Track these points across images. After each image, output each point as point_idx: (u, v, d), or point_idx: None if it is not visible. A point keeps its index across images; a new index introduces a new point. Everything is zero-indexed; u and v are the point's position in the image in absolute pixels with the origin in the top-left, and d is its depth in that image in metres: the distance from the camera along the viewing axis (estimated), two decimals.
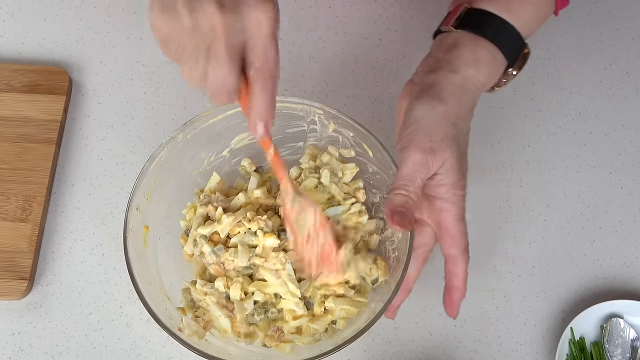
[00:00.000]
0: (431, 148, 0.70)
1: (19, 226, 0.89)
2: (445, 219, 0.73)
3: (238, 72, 0.62)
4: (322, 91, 0.96)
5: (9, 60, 0.98)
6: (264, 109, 0.65)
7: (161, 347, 0.85)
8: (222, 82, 0.62)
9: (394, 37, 1.00)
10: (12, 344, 0.85)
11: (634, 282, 0.87)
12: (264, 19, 0.60)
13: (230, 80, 0.62)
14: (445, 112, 0.71)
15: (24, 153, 0.92)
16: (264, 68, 0.63)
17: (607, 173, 0.92)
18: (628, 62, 0.97)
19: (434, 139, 0.71)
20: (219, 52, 0.61)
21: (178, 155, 0.85)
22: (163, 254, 0.84)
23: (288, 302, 0.79)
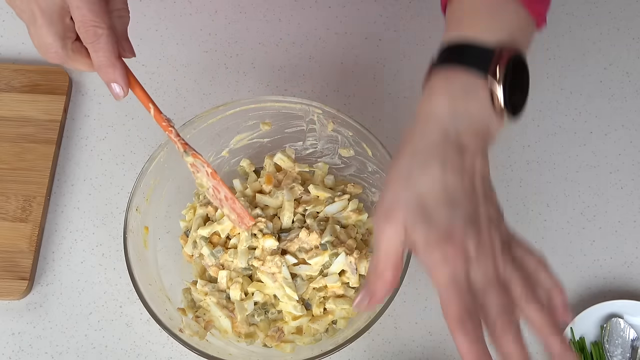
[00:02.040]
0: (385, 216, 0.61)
1: (19, 226, 0.89)
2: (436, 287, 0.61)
3: (59, 33, 0.66)
4: (321, 91, 0.96)
5: (9, 60, 0.98)
6: (104, 67, 0.66)
7: (161, 347, 0.85)
8: (43, 44, 0.67)
9: (394, 37, 1.00)
10: (12, 344, 0.85)
11: (634, 282, 0.87)
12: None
13: (50, 42, 0.66)
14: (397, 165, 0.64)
15: (24, 153, 0.92)
16: (81, 22, 0.65)
17: (607, 173, 0.92)
18: (628, 62, 0.97)
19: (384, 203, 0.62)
20: (37, 17, 0.66)
21: (177, 155, 0.84)
22: (163, 254, 0.84)
23: (286, 304, 0.79)
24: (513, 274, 0.60)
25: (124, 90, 0.68)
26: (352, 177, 0.88)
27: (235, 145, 0.88)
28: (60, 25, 0.66)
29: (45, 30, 0.66)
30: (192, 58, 0.99)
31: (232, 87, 0.97)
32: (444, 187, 0.61)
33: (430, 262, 0.60)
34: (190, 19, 1.01)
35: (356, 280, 0.80)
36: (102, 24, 0.65)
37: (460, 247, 0.59)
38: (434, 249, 0.59)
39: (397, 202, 0.61)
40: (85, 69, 0.69)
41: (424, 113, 0.65)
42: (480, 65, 0.63)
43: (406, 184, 0.61)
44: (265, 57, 0.98)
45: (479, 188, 0.62)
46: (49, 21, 0.65)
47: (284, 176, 0.86)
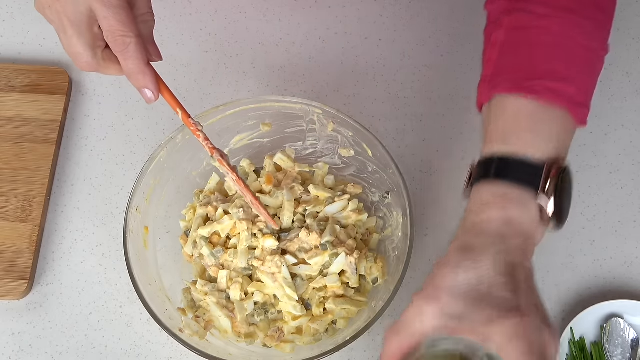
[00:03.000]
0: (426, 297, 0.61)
1: (19, 226, 0.89)
2: None
3: (88, 43, 0.67)
4: (322, 91, 0.96)
5: (9, 60, 0.98)
6: (134, 74, 0.67)
7: (161, 347, 0.85)
8: (74, 54, 0.67)
9: (394, 37, 0.99)
10: (12, 344, 0.85)
11: (634, 282, 0.87)
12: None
13: (80, 51, 0.67)
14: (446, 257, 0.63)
15: (24, 153, 0.92)
16: (109, 32, 0.65)
17: (607, 173, 0.92)
18: (628, 62, 0.97)
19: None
20: (65, 25, 0.66)
21: (177, 155, 0.85)
22: (163, 254, 0.84)
23: (286, 304, 0.79)
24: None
25: (154, 95, 0.69)
26: (352, 177, 0.88)
27: (235, 145, 0.88)
28: (90, 35, 0.67)
29: (75, 40, 0.66)
30: (192, 58, 0.99)
31: (232, 87, 0.97)
32: (492, 283, 0.60)
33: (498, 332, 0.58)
34: (190, 19, 1.01)
35: (356, 281, 0.80)
36: (130, 32, 0.65)
37: (528, 318, 0.59)
38: (504, 318, 0.58)
39: (442, 288, 0.60)
40: (116, 74, 0.70)
41: (477, 223, 0.64)
42: (531, 183, 0.64)
43: (454, 272, 0.61)
44: (265, 57, 0.98)
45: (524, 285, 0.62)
46: (78, 32, 0.66)
47: (284, 176, 0.86)
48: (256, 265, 0.80)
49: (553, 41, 0.69)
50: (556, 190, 0.64)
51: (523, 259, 0.62)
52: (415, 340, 0.60)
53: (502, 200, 0.64)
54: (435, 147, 0.93)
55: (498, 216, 0.63)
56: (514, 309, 0.58)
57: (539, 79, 0.67)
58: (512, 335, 0.57)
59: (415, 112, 0.95)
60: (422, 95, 0.96)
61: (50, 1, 0.66)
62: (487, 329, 0.58)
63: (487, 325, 0.58)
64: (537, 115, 0.67)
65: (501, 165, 0.65)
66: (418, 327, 0.60)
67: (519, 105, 0.67)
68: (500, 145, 0.66)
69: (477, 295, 0.59)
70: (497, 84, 0.69)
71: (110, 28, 0.65)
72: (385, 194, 0.85)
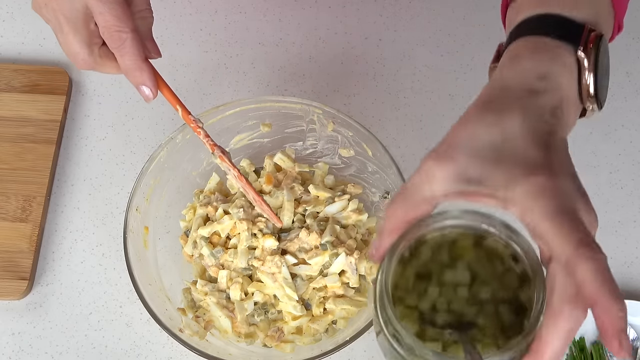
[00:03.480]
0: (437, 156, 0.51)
1: (19, 226, 0.89)
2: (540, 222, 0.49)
3: (85, 40, 0.66)
4: (322, 91, 0.96)
5: (9, 60, 0.98)
6: (131, 70, 0.67)
7: (161, 347, 0.85)
8: (71, 52, 0.67)
9: (394, 37, 0.99)
10: (12, 344, 0.85)
11: (634, 282, 0.87)
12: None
13: (77, 49, 0.66)
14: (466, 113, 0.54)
15: (24, 153, 0.92)
16: (105, 28, 0.65)
17: (607, 173, 0.92)
18: (628, 62, 0.97)
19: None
20: (61, 23, 0.66)
21: (177, 155, 0.85)
22: (163, 254, 0.84)
23: (286, 304, 0.79)
24: None
25: (152, 92, 0.68)
26: (352, 177, 0.88)
27: (235, 145, 0.88)
28: (86, 32, 0.66)
29: (72, 38, 0.66)
30: (192, 58, 0.99)
31: (232, 87, 0.97)
32: (519, 141, 0.50)
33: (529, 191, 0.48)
34: (190, 19, 1.01)
35: (356, 281, 0.80)
36: (126, 27, 0.65)
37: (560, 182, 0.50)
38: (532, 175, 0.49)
39: (458, 146, 0.51)
40: (114, 72, 0.69)
41: (505, 77, 0.54)
42: (571, 38, 0.55)
43: (473, 127, 0.51)
44: (265, 57, 0.98)
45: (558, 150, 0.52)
46: (74, 29, 0.66)
47: (284, 176, 0.86)
48: (256, 265, 0.80)
49: None
50: (596, 57, 0.54)
51: (558, 123, 0.51)
52: (423, 208, 0.51)
53: (538, 52, 0.54)
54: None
55: (532, 69, 0.53)
56: (543, 166, 0.48)
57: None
58: (538, 193, 0.47)
59: (415, 112, 0.95)
60: (422, 95, 0.96)
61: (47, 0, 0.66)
62: (509, 190, 0.48)
63: (509, 185, 0.48)
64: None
65: (539, 22, 0.56)
66: (427, 194, 0.50)
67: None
68: (538, 8, 0.56)
69: (499, 156, 0.49)
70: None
71: (106, 24, 0.65)
72: (385, 194, 0.85)
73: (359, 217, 0.84)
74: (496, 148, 0.50)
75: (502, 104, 0.52)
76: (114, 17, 0.64)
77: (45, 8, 0.67)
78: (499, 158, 0.49)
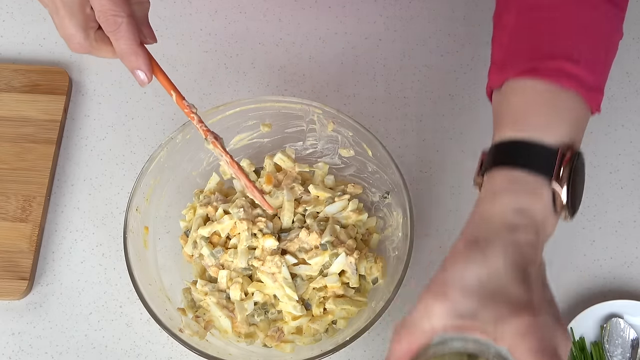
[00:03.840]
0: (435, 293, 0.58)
1: (19, 226, 0.89)
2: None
3: (80, 24, 0.66)
4: (321, 91, 0.96)
5: (9, 60, 0.98)
6: (126, 55, 0.66)
7: (161, 347, 0.85)
8: (66, 35, 0.67)
9: (394, 37, 0.99)
10: (12, 344, 0.85)
11: (634, 282, 0.87)
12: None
13: (72, 33, 0.66)
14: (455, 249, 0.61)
15: (24, 153, 0.92)
16: (100, 12, 0.65)
17: (607, 173, 0.92)
18: (628, 62, 0.97)
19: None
20: (58, 6, 0.66)
21: (177, 155, 0.85)
22: (163, 254, 0.84)
23: (286, 304, 0.79)
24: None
25: (147, 76, 0.68)
26: (352, 177, 0.88)
27: (235, 145, 0.88)
28: (82, 16, 0.66)
29: (67, 21, 0.66)
30: (192, 58, 0.99)
31: (232, 87, 0.97)
32: (503, 279, 0.58)
33: (510, 331, 0.56)
34: (190, 19, 1.01)
35: (356, 281, 0.80)
36: (122, 12, 0.65)
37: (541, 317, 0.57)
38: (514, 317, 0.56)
39: (452, 283, 0.58)
40: (110, 56, 0.69)
41: (486, 212, 0.61)
42: (545, 169, 0.61)
43: (463, 267, 0.58)
44: (265, 57, 0.98)
45: (536, 281, 0.59)
46: (70, 12, 0.66)
47: (284, 176, 0.86)
48: (256, 265, 0.80)
49: (566, 22, 0.67)
50: (570, 177, 0.61)
51: (534, 253, 0.60)
52: (424, 340, 0.58)
53: (514, 187, 0.61)
54: (435, 147, 0.93)
55: (509, 204, 0.60)
56: (525, 306, 0.56)
57: (552, 60, 0.65)
58: (524, 333, 0.55)
59: (415, 112, 0.95)
60: (422, 95, 0.96)
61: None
62: (498, 327, 0.56)
63: (498, 323, 0.56)
64: (551, 99, 0.64)
65: (513, 150, 0.63)
66: (427, 327, 0.57)
67: (531, 88, 0.64)
68: (512, 131, 0.63)
69: (487, 293, 0.57)
70: (508, 68, 0.67)
71: (102, 8, 0.64)
72: (385, 194, 0.85)
73: (359, 217, 0.84)
74: (484, 285, 0.57)
75: (485, 241, 0.59)
76: (110, 1, 0.64)
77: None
78: (487, 295, 0.57)
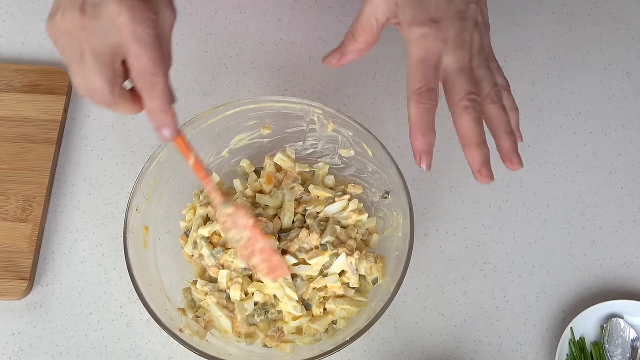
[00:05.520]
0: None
1: (19, 226, 0.89)
2: (408, 62, 0.68)
3: (108, 78, 0.62)
4: (321, 91, 0.96)
5: (9, 60, 0.98)
6: (156, 112, 0.64)
7: (161, 347, 0.85)
8: (91, 87, 0.63)
9: (394, 37, 0.99)
10: (12, 344, 0.85)
11: (634, 282, 0.87)
12: (120, 21, 0.60)
13: (98, 85, 0.62)
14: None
15: (24, 153, 0.92)
16: (139, 71, 0.62)
17: (607, 173, 0.92)
18: (628, 62, 0.97)
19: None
20: (86, 58, 0.62)
21: (177, 155, 0.84)
22: (163, 254, 0.84)
23: (286, 304, 0.79)
24: (485, 76, 0.67)
25: (172, 136, 0.66)
26: (352, 177, 0.89)
27: (235, 145, 0.88)
28: (110, 70, 0.63)
29: (94, 73, 0.62)
30: (192, 58, 0.99)
31: (232, 87, 0.97)
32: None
33: (410, 37, 0.67)
34: (190, 19, 1.01)
35: (356, 281, 0.80)
36: (160, 72, 0.63)
37: (442, 31, 0.66)
38: (417, 26, 0.66)
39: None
40: (126, 113, 0.67)
41: None
42: None
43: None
44: (265, 57, 0.98)
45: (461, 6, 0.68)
46: (99, 65, 0.62)
47: (284, 176, 0.86)
48: None
49: None
50: None
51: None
52: (376, 30, 0.71)
53: None
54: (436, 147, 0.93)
55: None
56: (433, 20, 0.66)
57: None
58: (417, 41, 0.66)
59: None
60: None
61: (73, 28, 0.62)
62: (409, 30, 0.67)
63: (410, 26, 0.67)
64: None
65: None
66: (373, 21, 0.71)
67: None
68: None
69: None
70: None
71: (142, 67, 0.62)
72: (385, 194, 0.85)
73: (359, 217, 0.84)
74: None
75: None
76: (151, 60, 0.62)
77: (67, 36, 0.62)
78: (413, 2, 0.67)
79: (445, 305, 0.86)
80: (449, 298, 0.87)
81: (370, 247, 0.85)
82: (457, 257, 0.88)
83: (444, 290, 0.87)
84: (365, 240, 0.85)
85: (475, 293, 0.87)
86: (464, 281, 0.87)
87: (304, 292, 0.80)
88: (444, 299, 0.87)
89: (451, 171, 0.92)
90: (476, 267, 0.88)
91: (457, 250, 0.89)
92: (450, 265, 0.88)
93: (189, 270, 0.85)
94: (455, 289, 0.87)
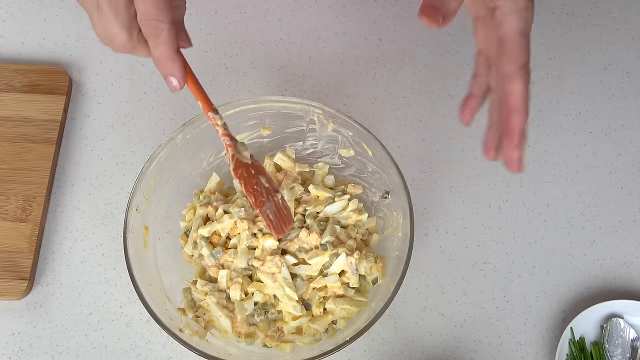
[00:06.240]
0: None
1: (19, 226, 0.89)
2: (505, 33, 0.64)
3: (125, 23, 0.65)
4: (322, 91, 0.96)
5: (9, 60, 0.98)
6: (163, 60, 0.65)
7: (161, 347, 0.85)
8: (108, 34, 0.65)
9: (394, 37, 0.99)
10: (12, 344, 0.85)
11: (634, 282, 0.87)
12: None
13: (117, 33, 0.65)
14: None
15: (24, 153, 0.92)
16: (143, 15, 0.63)
17: (607, 173, 0.92)
18: (628, 62, 0.97)
19: None
20: (103, 6, 0.64)
21: (177, 155, 0.85)
22: (163, 254, 0.84)
23: (286, 304, 0.79)
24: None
25: (180, 84, 0.67)
26: (352, 177, 0.89)
27: None
28: (127, 16, 0.65)
29: (112, 21, 0.65)
30: (192, 58, 0.98)
31: (232, 87, 0.97)
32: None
33: (506, 5, 0.64)
34: (190, 19, 1.00)
35: (356, 281, 0.80)
36: (164, 18, 0.64)
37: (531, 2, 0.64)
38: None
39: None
40: (147, 56, 0.68)
41: None
42: None
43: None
44: (265, 57, 0.98)
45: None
46: (115, 11, 0.64)
47: (284, 176, 0.86)
48: (256, 265, 0.80)
49: None
50: None
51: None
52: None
53: None
54: (435, 147, 0.93)
55: None
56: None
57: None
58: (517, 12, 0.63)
59: (415, 112, 0.95)
60: (422, 95, 0.96)
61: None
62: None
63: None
64: None
65: None
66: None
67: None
68: None
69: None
70: None
71: (145, 11, 0.63)
72: (385, 194, 0.85)
73: (359, 217, 0.84)
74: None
75: None
76: (155, 6, 0.63)
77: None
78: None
79: (445, 305, 0.86)
80: (449, 298, 0.87)
81: (370, 247, 0.85)
82: (457, 257, 0.88)
83: (444, 290, 0.87)
84: (365, 240, 0.85)
85: (475, 293, 0.87)
86: (464, 281, 0.87)
87: (304, 292, 0.80)
88: (444, 299, 0.87)
89: (451, 171, 0.92)
90: (476, 267, 0.88)
91: (457, 250, 0.89)
92: (450, 265, 0.88)
93: (189, 270, 0.85)
94: (455, 289, 0.87)
